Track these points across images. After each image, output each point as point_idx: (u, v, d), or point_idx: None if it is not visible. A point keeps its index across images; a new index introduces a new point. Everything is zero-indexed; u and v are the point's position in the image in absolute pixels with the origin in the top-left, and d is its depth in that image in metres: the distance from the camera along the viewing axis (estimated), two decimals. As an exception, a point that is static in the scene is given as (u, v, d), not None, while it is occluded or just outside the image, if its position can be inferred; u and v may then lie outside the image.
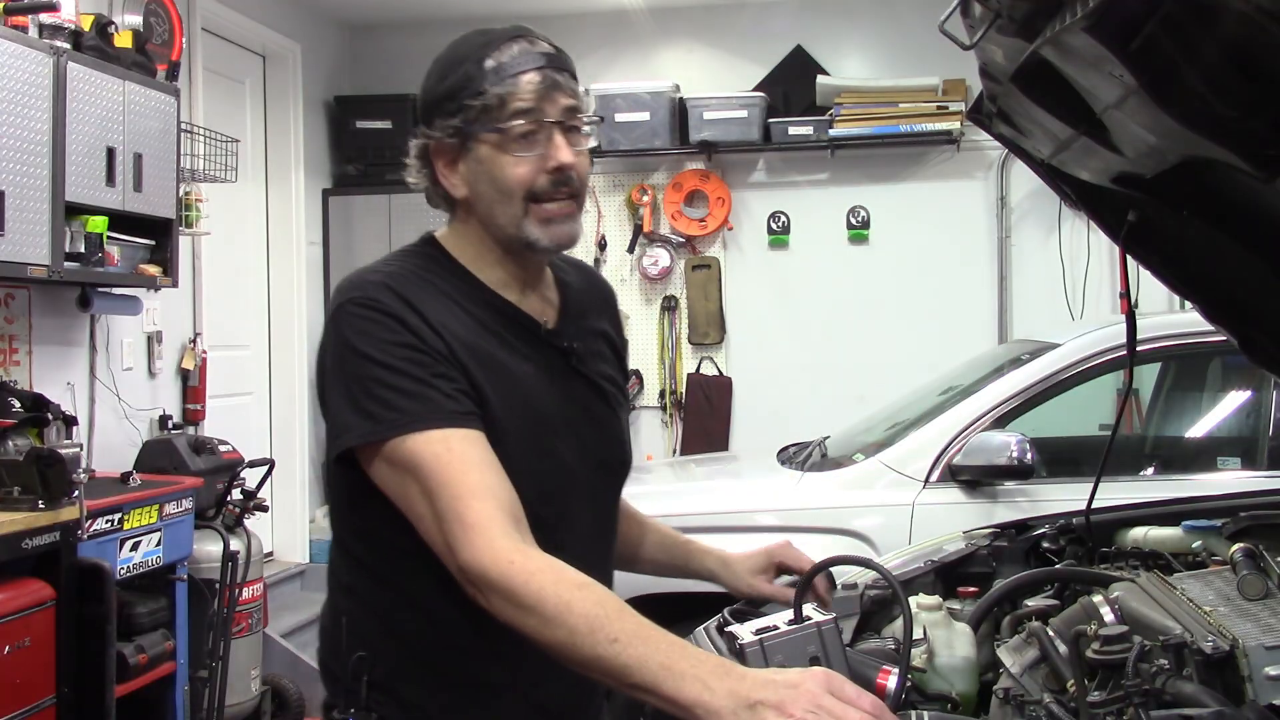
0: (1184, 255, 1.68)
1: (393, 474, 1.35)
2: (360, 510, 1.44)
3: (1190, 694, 1.13)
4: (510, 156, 1.42)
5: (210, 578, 3.81)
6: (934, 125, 5.63)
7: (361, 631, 1.47)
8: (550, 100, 1.43)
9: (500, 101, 1.41)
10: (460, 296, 1.46)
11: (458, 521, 1.29)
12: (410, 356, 1.36)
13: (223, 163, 4.62)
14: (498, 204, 1.45)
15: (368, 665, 1.45)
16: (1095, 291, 5.65)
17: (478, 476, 1.31)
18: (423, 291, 1.42)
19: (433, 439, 1.32)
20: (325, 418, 1.44)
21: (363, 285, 1.41)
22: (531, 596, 1.23)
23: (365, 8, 6.10)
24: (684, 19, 6.11)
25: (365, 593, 1.49)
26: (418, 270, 1.46)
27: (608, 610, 1.21)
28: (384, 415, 1.34)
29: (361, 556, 1.49)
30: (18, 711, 2.81)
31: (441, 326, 1.40)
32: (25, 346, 3.85)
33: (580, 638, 1.20)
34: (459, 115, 1.43)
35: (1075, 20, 1.04)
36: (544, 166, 1.43)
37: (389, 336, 1.37)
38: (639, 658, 1.17)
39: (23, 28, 3.46)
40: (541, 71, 1.43)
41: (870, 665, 1.30)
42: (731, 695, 1.11)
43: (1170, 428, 4.13)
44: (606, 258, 6.12)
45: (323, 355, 1.44)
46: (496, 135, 1.42)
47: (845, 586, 1.67)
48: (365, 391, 1.36)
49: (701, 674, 1.13)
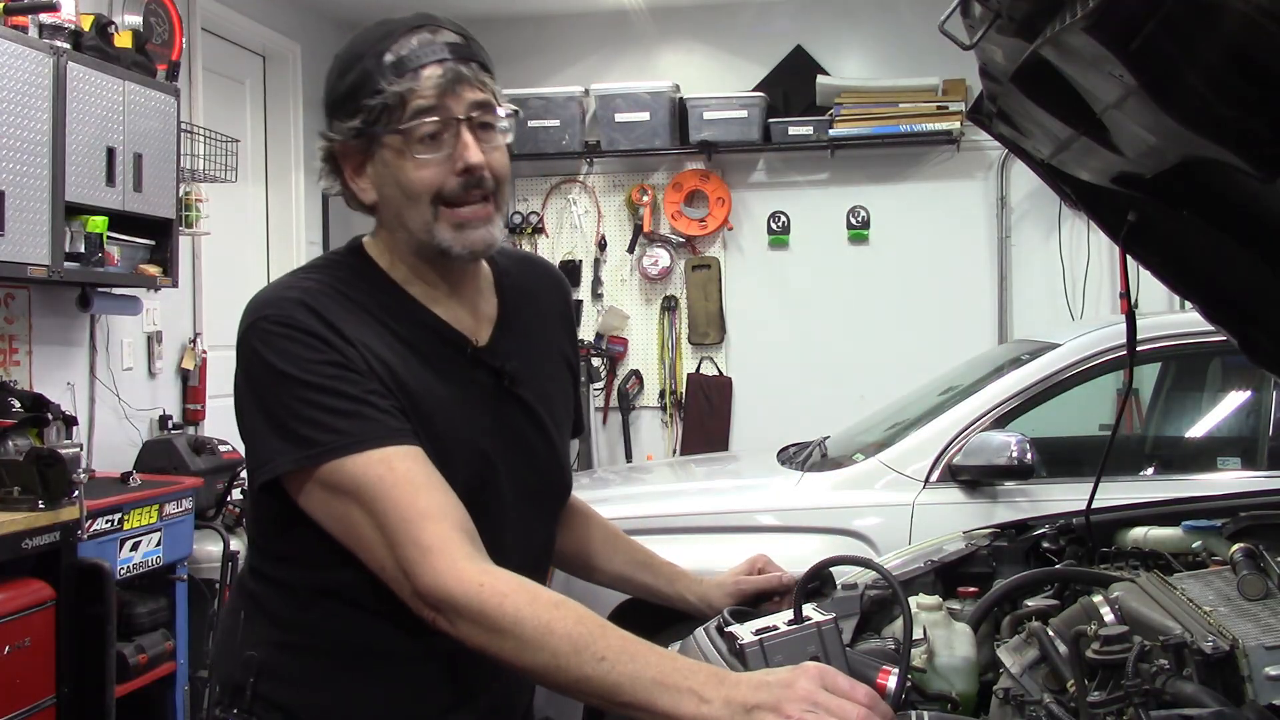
0: (1184, 255, 1.68)
1: (330, 499, 1.26)
2: (286, 537, 1.35)
3: (1190, 694, 1.13)
4: (414, 158, 1.32)
5: (210, 578, 3.82)
6: (934, 125, 5.63)
7: (255, 636, 1.40)
8: (454, 96, 1.32)
9: (400, 100, 1.31)
10: (382, 311, 1.36)
11: (413, 545, 1.21)
12: (339, 375, 1.27)
13: (223, 163, 4.63)
14: (406, 209, 1.35)
15: (254, 669, 1.37)
16: (1095, 291, 5.65)
17: (426, 496, 1.24)
18: (341, 309, 1.32)
19: (373, 460, 1.24)
20: (245, 443, 1.34)
21: (278, 303, 1.31)
22: (508, 619, 1.17)
23: (365, 8, 6.08)
24: (684, 19, 6.11)
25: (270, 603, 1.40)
26: (336, 284, 1.35)
27: (590, 628, 1.16)
28: (317, 438, 1.25)
29: (282, 579, 1.39)
30: (18, 711, 2.81)
31: (363, 345, 1.30)
32: (25, 346, 3.85)
33: (565, 659, 1.15)
34: (359, 116, 1.33)
35: (1075, 20, 1.04)
36: (452, 168, 1.33)
37: (312, 355, 1.27)
38: (630, 675, 1.13)
39: (23, 28, 3.46)
40: (444, 64, 1.31)
41: (870, 665, 1.29)
42: (728, 703, 1.09)
43: (1170, 428, 4.13)
44: (606, 258, 6.13)
45: (238, 378, 1.33)
46: (398, 137, 1.32)
47: (845, 586, 1.67)
48: (292, 414, 1.26)
49: (695, 686, 1.11)
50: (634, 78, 5.94)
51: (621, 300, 6.15)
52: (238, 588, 1.47)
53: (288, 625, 1.39)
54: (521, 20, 5.93)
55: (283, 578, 1.40)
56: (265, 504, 1.34)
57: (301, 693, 1.38)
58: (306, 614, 1.38)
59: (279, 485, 1.30)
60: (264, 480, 1.30)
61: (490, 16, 5.92)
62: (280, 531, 1.36)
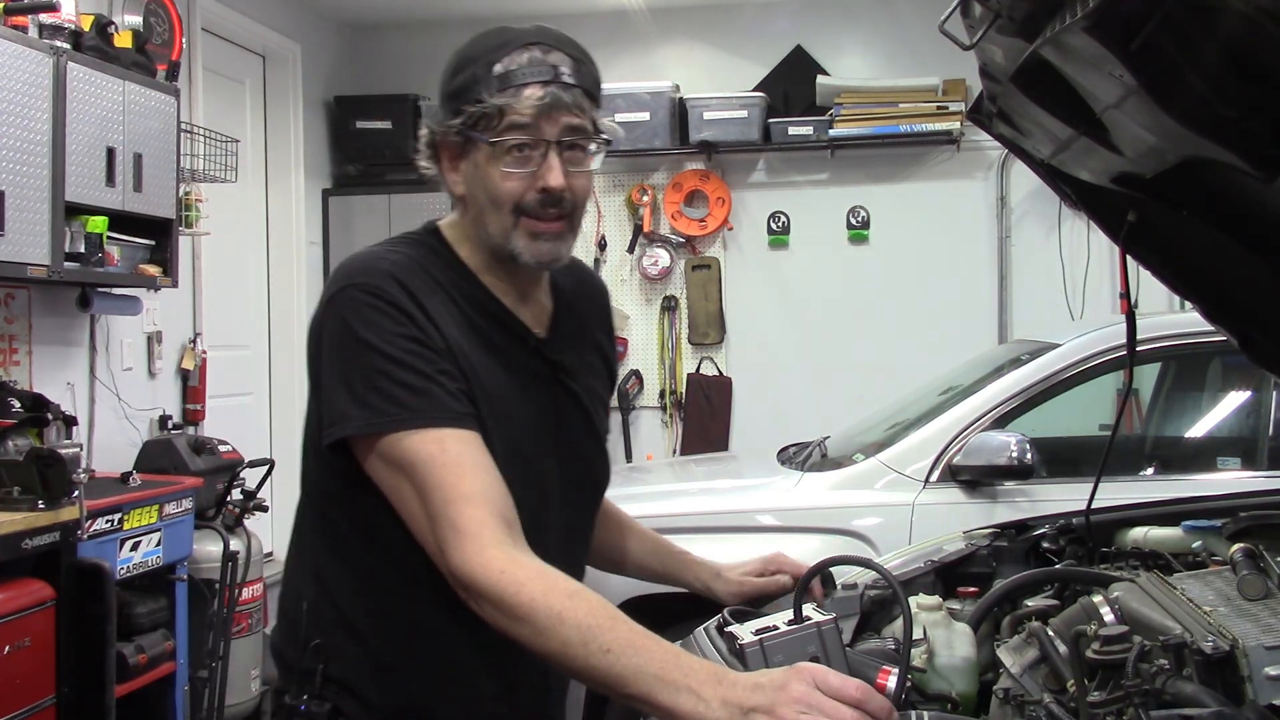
0: (1184, 255, 1.68)
1: (386, 469, 1.33)
2: (353, 496, 1.41)
3: (1190, 694, 1.13)
4: (502, 169, 1.39)
5: (210, 578, 3.81)
6: (934, 125, 5.63)
7: (319, 620, 1.45)
8: (549, 119, 1.38)
9: (498, 112, 1.38)
10: (457, 294, 1.43)
11: (450, 526, 1.27)
12: (415, 351, 1.33)
13: (223, 163, 4.62)
14: (488, 212, 1.42)
15: (323, 656, 1.43)
16: (1095, 291, 5.65)
17: (471, 480, 1.29)
18: (425, 285, 1.39)
19: (428, 438, 1.30)
20: (316, 400, 1.41)
21: (368, 271, 1.38)
22: (523, 607, 1.22)
23: (365, 8, 6.10)
24: (684, 19, 6.11)
25: (332, 579, 1.46)
26: (420, 261, 1.42)
27: (600, 620, 1.20)
28: (385, 408, 1.31)
29: (344, 539, 1.45)
30: (18, 711, 2.81)
31: (442, 325, 1.37)
32: (25, 346, 3.85)
33: (573, 649, 1.19)
34: (460, 117, 1.40)
35: (1075, 20, 1.04)
36: (534, 184, 1.39)
37: (394, 328, 1.34)
38: (633, 668, 1.16)
39: (23, 28, 3.46)
40: (546, 87, 1.38)
41: (870, 665, 1.29)
42: (725, 703, 1.11)
43: (1170, 428, 4.13)
44: (606, 258, 6.12)
45: (318, 336, 1.40)
46: (490, 147, 1.39)
47: (845, 586, 1.67)
48: (366, 381, 1.33)
49: (694, 684, 1.13)
50: (634, 78, 5.93)
51: (621, 300, 6.15)
52: (294, 573, 1.53)
53: (355, 605, 1.45)
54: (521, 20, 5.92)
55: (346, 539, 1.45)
56: (334, 462, 1.39)
57: (367, 672, 1.43)
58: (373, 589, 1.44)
59: (347, 447, 1.36)
60: (331, 440, 1.36)
61: (490, 17, 5.87)
62: (350, 491, 1.40)
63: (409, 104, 6.00)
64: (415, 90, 6.04)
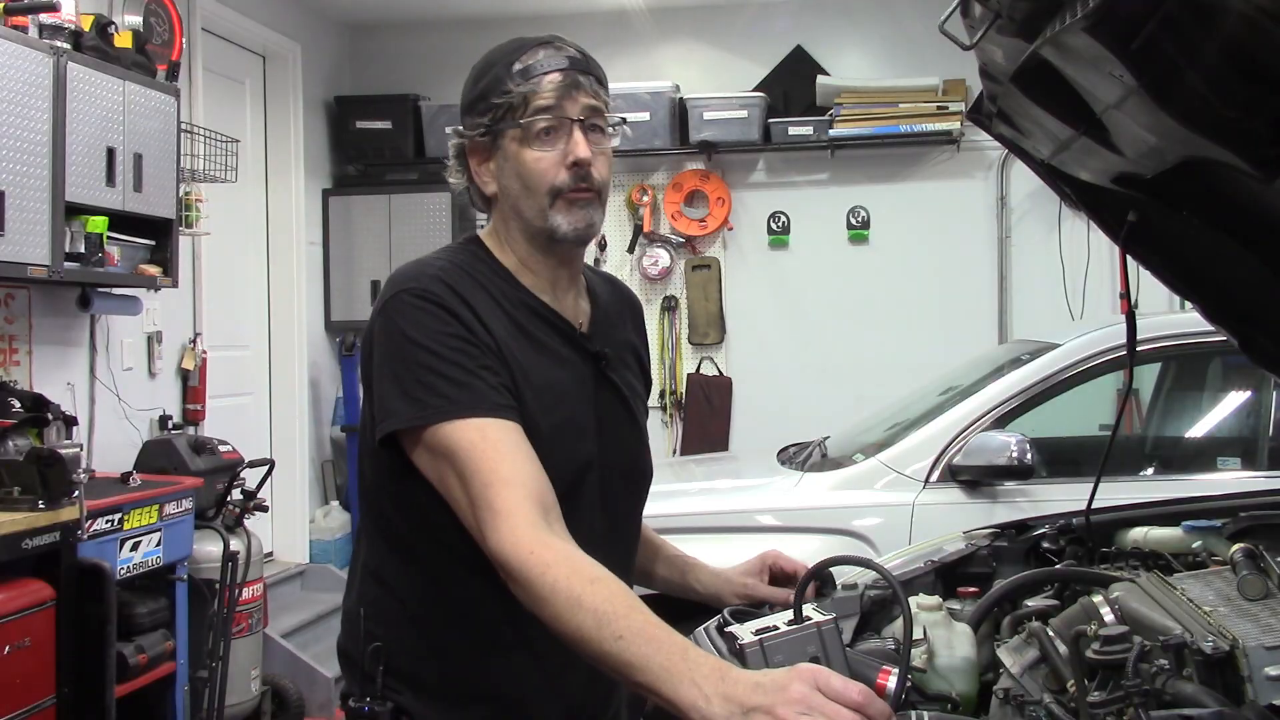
0: (1184, 255, 1.68)
1: (431, 459, 1.40)
2: (405, 489, 1.48)
3: (1190, 694, 1.13)
4: (532, 151, 1.48)
5: (210, 578, 3.81)
6: (934, 125, 5.63)
7: (382, 618, 1.51)
8: (571, 99, 1.49)
9: (524, 100, 1.48)
10: (500, 296, 1.51)
11: (487, 508, 1.33)
12: (460, 347, 1.41)
13: (223, 163, 4.63)
14: (523, 198, 1.51)
15: (384, 655, 1.49)
16: (1095, 291, 5.65)
17: (510, 464, 1.35)
18: (471, 286, 1.48)
19: (470, 426, 1.37)
20: (369, 401, 1.49)
21: (419, 277, 1.46)
22: (546, 589, 1.27)
23: (365, 8, 6.10)
24: (684, 19, 6.12)
25: (392, 576, 1.53)
26: (464, 266, 1.51)
27: (616, 607, 1.23)
28: (430, 401, 1.39)
29: (401, 533, 1.52)
30: (18, 711, 2.81)
31: (489, 323, 1.45)
32: (25, 346, 3.85)
33: (588, 632, 1.23)
34: (488, 114, 1.50)
35: (1075, 20, 1.04)
36: (564, 162, 1.48)
37: (441, 328, 1.42)
38: (642, 657, 1.19)
39: (23, 28, 3.46)
40: (564, 73, 1.49)
41: (870, 665, 1.29)
42: (726, 701, 1.13)
43: (1170, 428, 4.13)
44: (606, 258, 6.12)
45: (369, 341, 1.48)
46: (519, 130, 1.48)
47: (845, 586, 1.67)
48: (414, 378, 1.41)
49: (698, 678, 1.15)
50: (634, 78, 5.94)
51: (621, 300, 6.15)
52: (356, 574, 1.59)
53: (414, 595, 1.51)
54: (521, 20, 5.93)
55: (402, 534, 1.52)
56: (387, 457, 1.46)
57: (428, 660, 1.50)
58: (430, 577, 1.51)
59: (397, 442, 1.44)
60: (383, 434, 1.43)
61: (490, 17, 5.92)
62: (402, 484, 1.47)
63: (409, 104, 6.01)
64: (415, 90, 6.04)
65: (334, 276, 6.02)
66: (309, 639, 4.94)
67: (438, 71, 6.05)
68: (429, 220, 5.88)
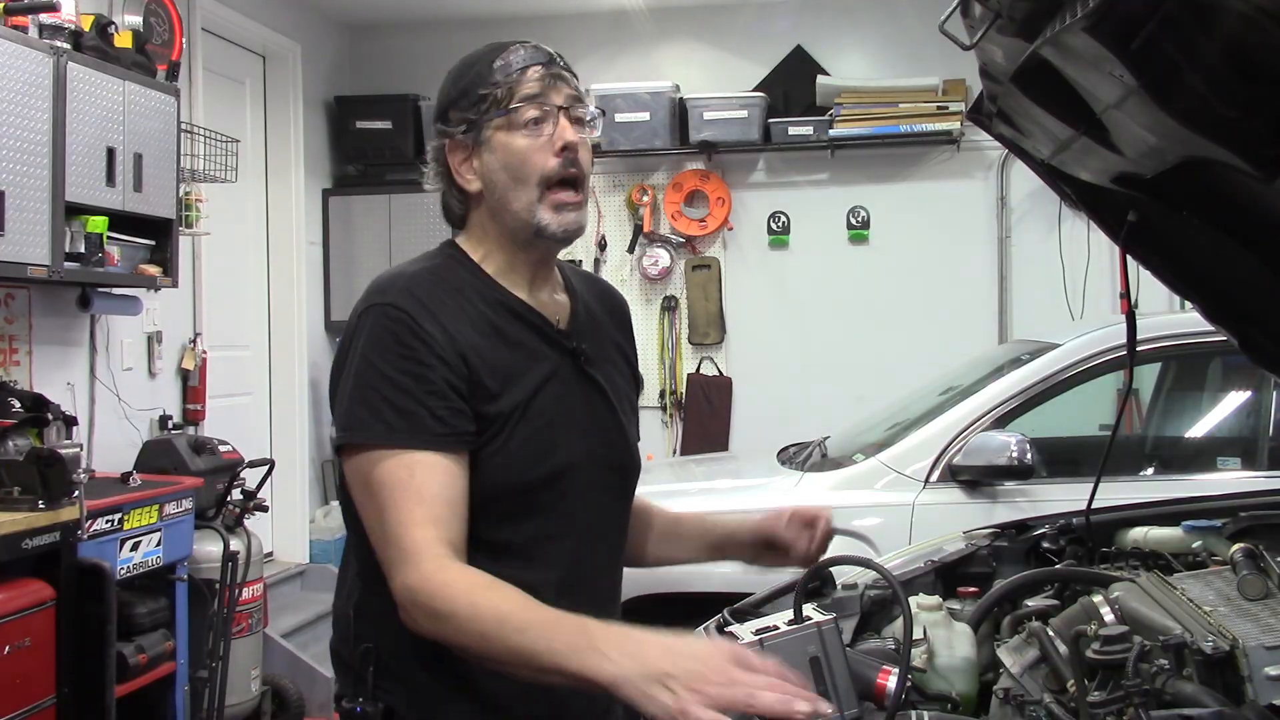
0: (1184, 255, 1.68)
1: (359, 481, 1.42)
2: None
3: (1190, 694, 1.13)
4: (521, 139, 1.48)
5: (210, 578, 3.81)
6: (934, 125, 5.63)
7: (371, 616, 1.51)
8: (555, 89, 1.50)
9: (509, 91, 1.49)
10: (475, 296, 1.50)
11: (396, 547, 1.36)
12: (413, 370, 1.41)
13: (223, 163, 4.62)
14: (512, 190, 1.50)
15: (374, 656, 1.49)
16: (1095, 291, 5.64)
17: (426, 508, 1.37)
18: (442, 293, 1.47)
19: (400, 463, 1.38)
20: (332, 408, 1.51)
21: (388, 290, 1.46)
22: (446, 605, 1.30)
23: (365, 8, 6.10)
24: (684, 19, 6.11)
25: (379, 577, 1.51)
26: (438, 272, 1.51)
27: (513, 605, 1.28)
28: (371, 425, 1.40)
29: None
30: (18, 711, 2.81)
31: (456, 331, 1.44)
32: (25, 346, 3.85)
33: (492, 632, 1.26)
34: (471, 109, 1.50)
35: (1075, 20, 1.04)
36: (552, 149, 1.48)
37: (397, 349, 1.41)
38: (545, 641, 1.23)
39: (23, 28, 3.46)
40: (545, 66, 1.51)
41: (870, 665, 1.30)
42: (632, 660, 1.16)
43: (1170, 428, 4.13)
44: (606, 258, 6.12)
45: (343, 348, 1.49)
46: (505, 120, 1.48)
47: (845, 586, 1.67)
48: (361, 396, 1.42)
49: (602, 646, 1.19)
50: (634, 78, 5.94)
51: (621, 300, 6.15)
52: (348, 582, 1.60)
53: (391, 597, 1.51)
54: (521, 20, 5.93)
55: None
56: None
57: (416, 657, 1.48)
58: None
59: None
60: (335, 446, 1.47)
61: (490, 17, 5.92)
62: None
63: (409, 104, 6.00)
64: (415, 90, 6.04)
65: (334, 276, 6.02)
66: (309, 639, 4.93)
67: (438, 71, 5.87)
68: (429, 220, 5.87)
